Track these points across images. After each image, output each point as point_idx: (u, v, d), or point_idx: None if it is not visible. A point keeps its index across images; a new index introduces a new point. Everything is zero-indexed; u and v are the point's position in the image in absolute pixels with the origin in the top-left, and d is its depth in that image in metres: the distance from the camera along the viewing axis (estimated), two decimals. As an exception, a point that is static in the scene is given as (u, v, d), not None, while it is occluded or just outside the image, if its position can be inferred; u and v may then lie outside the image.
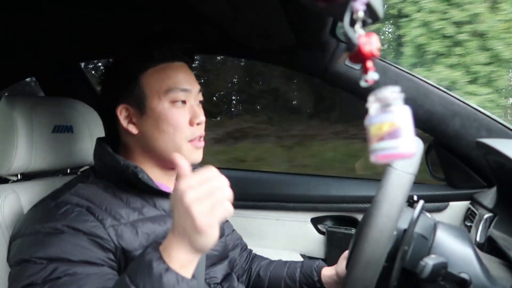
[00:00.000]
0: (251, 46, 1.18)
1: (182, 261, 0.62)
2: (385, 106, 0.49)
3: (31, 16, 1.04)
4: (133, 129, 0.88)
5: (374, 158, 0.50)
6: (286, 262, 1.14)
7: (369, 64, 0.48)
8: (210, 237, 0.61)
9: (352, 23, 0.45)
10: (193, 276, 0.64)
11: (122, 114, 0.89)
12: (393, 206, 0.58)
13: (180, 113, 0.87)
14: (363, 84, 0.48)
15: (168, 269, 0.61)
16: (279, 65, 1.23)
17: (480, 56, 4.75)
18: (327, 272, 1.04)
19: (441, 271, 0.65)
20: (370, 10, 0.47)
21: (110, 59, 0.96)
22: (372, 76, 0.48)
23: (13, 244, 0.79)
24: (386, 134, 0.49)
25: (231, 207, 0.62)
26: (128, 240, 0.78)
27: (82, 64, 1.82)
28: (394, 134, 0.49)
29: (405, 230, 0.72)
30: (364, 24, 0.47)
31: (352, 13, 0.41)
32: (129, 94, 0.88)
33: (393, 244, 0.69)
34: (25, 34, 1.15)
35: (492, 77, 4.71)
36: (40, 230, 0.75)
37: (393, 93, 0.49)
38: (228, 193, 0.63)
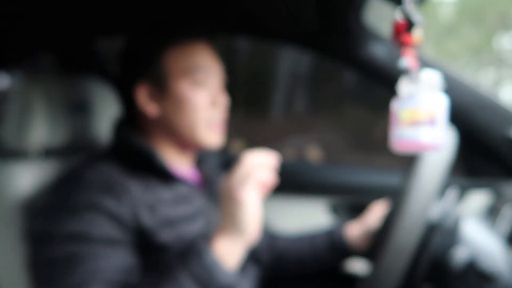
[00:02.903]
0: (277, 29, 1.15)
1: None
2: (421, 90, 0.47)
3: None
4: (152, 110, 0.87)
5: (395, 144, 0.48)
6: (306, 238, 1.10)
7: (407, 50, 0.46)
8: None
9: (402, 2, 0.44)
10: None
11: (140, 94, 0.87)
12: (425, 194, 0.56)
13: (200, 94, 0.86)
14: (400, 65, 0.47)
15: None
16: (303, 49, 1.21)
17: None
18: (353, 231, 1.05)
19: (470, 265, 0.64)
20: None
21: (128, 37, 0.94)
22: (403, 63, 0.46)
23: (31, 220, 0.80)
24: (418, 121, 0.47)
25: None
26: (145, 220, 0.78)
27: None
28: (429, 122, 0.47)
29: (434, 222, 0.72)
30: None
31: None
32: (148, 73, 0.86)
33: (422, 235, 0.68)
34: (40, 6, 1.14)
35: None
36: (59, 207, 0.76)
37: (432, 78, 0.47)
38: None
